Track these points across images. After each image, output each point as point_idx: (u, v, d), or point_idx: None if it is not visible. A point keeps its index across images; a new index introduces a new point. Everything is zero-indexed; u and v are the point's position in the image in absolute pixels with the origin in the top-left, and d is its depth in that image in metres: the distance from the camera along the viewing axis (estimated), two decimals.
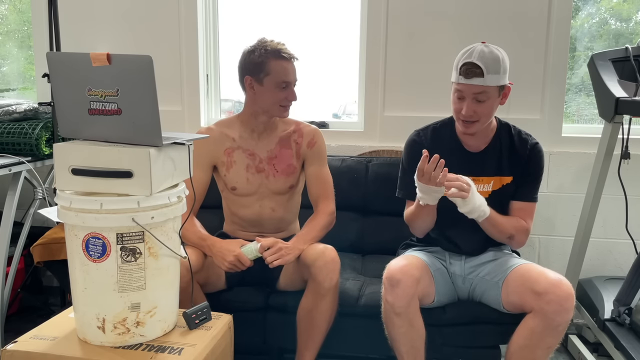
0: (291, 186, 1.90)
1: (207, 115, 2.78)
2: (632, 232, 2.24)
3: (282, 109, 1.82)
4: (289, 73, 1.77)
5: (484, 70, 1.57)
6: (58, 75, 1.32)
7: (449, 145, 1.77)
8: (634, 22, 2.59)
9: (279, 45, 1.77)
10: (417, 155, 1.78)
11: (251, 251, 1.71)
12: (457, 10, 2.45)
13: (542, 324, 1.51)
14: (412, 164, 1.80)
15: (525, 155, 1.73)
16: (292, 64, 1.79)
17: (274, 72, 1.75)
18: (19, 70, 3.16)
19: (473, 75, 1.58)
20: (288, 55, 1.76)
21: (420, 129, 1.84)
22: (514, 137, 1.75)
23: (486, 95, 1.60)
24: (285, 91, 1.78)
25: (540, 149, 1.75)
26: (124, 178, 1.25)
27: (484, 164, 1.73)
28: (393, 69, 2.53)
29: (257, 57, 1.75)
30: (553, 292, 1.49)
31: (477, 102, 1.61)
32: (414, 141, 1.82)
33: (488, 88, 1.60)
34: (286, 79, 1.77)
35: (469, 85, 1.60)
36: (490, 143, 1.75)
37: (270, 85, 1.77)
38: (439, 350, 1.70)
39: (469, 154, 1.76)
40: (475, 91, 1.60)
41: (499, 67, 1.59)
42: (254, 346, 1.93)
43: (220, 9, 2.74)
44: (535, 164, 1.74)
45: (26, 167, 2.16)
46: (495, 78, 1.59)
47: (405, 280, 1.55)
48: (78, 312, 1.34)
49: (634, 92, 1.99)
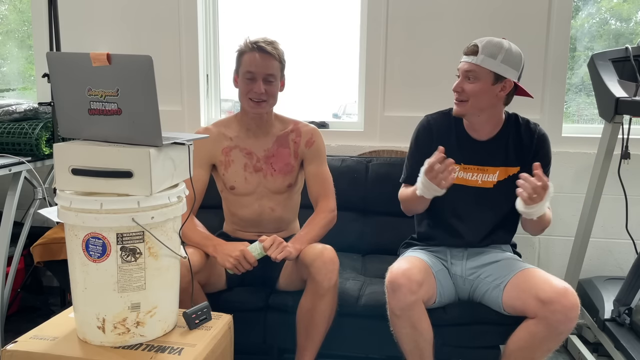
0: (289, 185, 1.90)
1: (207, 115, 2.78)
2: (632, 232, 2.24)
3: (252, 104, 1.77)
4: (254, 63, 1.73)
5: (480, 49, 1.62)
6: (58, 75, 1.32)
7: (456, 133, 1.78)
8: (634, 22, 2.59)
9: (259, 39, 1.74)
10: (424, 139, 1.80)
11: (255, 249, 1.69)
12: (457, 10, 2.45)
13: (545, 330, 1.50)
14: (417, 147, 1.82)
15: (532, 145, 1.74)
16: (264, 58, 1.73)
17: (243, 64, 1.75)
18: (19, 70, 3.16)
19: (470, 53, 1.65)
20: (259, 47, 1.72)
21: (430, 114, 1.85)
22: (521, 127, 1.76)
23: (476, 75, 1.63)
24: (251, 84, 1.75)
25: (547, 139, 1.76)
26: (124, 178, 1.25)
27: (490, 153, 1.74)
28: (393, 69, 2.53)
29: (239, 50, 1.77)
30: (559, 302, 1.47)
31: (467, 80, 1.65)
32: (423, 126, 1.84)
33: (479, 68, 1.62)
34: (250, 69, 1.73)
35: (464, 62, 1.67)
36: (497, 133, 1.76)
37: (241, 78, 1.77)
38: (439, 350, 1.70)
39: (476, 143, 1.76)
40: (467, 68, 1.65)
41: (496, 53, 1.61)
42: (254, 346, 1.93)
43: (220, 9, 2.74)
44: (544, 155, 1.75)
45: (26, 167, 2.16)
46: (489, 62, 1.61)
47: (407, 284, 1.54)
48: (78, 312, 1.34)
49: (634, 92, 1.99)
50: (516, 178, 1.71)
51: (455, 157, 1.71)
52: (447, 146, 1.75)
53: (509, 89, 1.67)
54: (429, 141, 1.78)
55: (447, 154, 1.74)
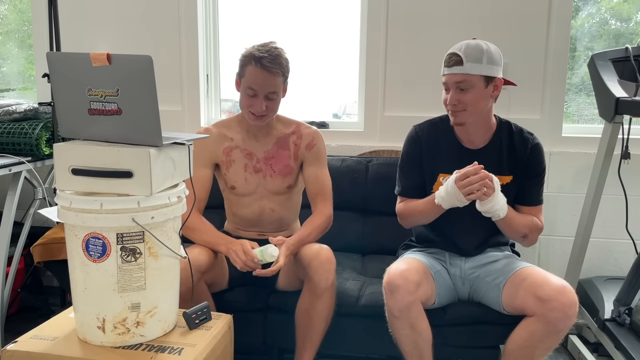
0: (289, 186, 1.90)
1: (207, 115, 2.78)
2: (632, 232, 2.24)
3: (252, 116, 1.76)
4: (257, 81, 1.69)
5: (463, 58, 1.60)
6: (58, 75, 1.32)
7: (446, 142, 1.77)
8: (634, 22, 2.59)
9: (264, 52, 1.68)
10: (413, 150, 1.79)
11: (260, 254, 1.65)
12: (457, 10, 2.45)
13: (544, 328, 1.50)
14: (408, 159, 1.82)
15: (525, 155, 1.72)
16: (268, 75, 1.69)
17: (246, 76, 1.72)
18: (19, 70, 3.16)
19: (453, 64, 1.62)
20: (262, 65, 1.67)
21: (418, 124, 1.85)
22: (514, 136, 1.74)
23: (468, 84, 1.62)
24: (252, 99, 1.73)
25: (541, 149, 1.74)
26: (124, 178, 1.25)
27: (482, 162, 1.72)
28: (393, 69, 2.53)
29: (242, 58, 1.74)
30: (557, 300, 1.47)
31: (460, 90, 1.64)
32: (411, 137, 1.83)
33: (469, 77, 1.61)
34: (252, 86, 1.71)
35: (451, 75, 1.64)
36: (489, 141, 1.75)
37: (243, 88, 1.75)
38: (439, 350, 1.70)
39: (467, 151, 1.75)
40: (456, 80, 1.63)
41: (480, 57, 1.60)
42: (254, 346, 1.93)
43: (220, 9, 2.74)
44: (537, 165, 1.73)
45: (26, 167, 2.16)
46: (476, 67, 1.60)
47: (404, 285, 1.54)
48: (78, 312, 1.34)
49: (634, 92, 1.99)
50: (509, 187, 1.72)
51: (446, 167, 1.72)
52: (436, 156, 1.76)
53: (501, 86, 1.67)
54: (419, 152, 1.79)
55: (437, 164, 1.75)
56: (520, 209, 1.75)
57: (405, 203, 1.81)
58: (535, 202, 1.75)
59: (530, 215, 1.73)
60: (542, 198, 1.76)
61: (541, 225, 1.73)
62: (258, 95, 1.72)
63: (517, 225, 1.68)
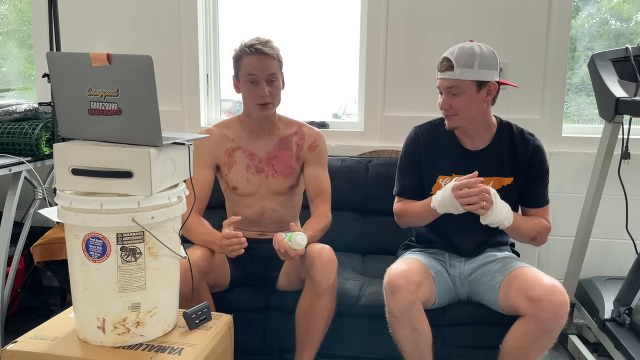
0: (291, 187, 1.90)
1: (207, 116, 2.78)
2: (632, 232, 2.24)
3: (259, 107, 1.77)
4: (254, 66, 1.71)
5: (454, 63, 1.60)
6: (58, 75, 1.32)
7: (446, 143, 1.77)
8: (634, 22, 2.59)
9: (254, 41, 1.72)
10: (412, 152, 1.79)
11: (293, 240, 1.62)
12: (457, 10, 2.45)
13: (536, 328, 1.51)
14: (406, 160, 1.82)
15: (527, 156, 1.72)
16: (264, 58, 1.71)
17: (243, 67, 1.73)
18: (19, 70, 3.16)
19: (445, 69, 1.63)
20: (256, 49, 1.70)
21: (418, 126, 1.85)
22: (515, 137, 1.74)
23: (459, 89, 1.62)
24: (255, 87, 1.74)
25: (542, 150, 1.74)
26: (124, 178, 1.25)
27: (483, 163, 1.72)
28: (393, 69, 2.53)
29: (234, 55, 1.75)
30: (547, 299, 1.48)
31: (452, 95, 1.64)
32: (410, 138, 1.83)
33: (460, 82, 1.61)
34: (251, 72, 1.72)
35: (442, 79, 1.65)
36: (490, 142, 1.75)
37: (243, 82, 1.75)
38: (439, 350, 1.70)
39: (468, 152, 1.75)
40: (447, 85, 1.63)
41: (472, 62, 1.59)
42: (254, 346, 1.93)
43: (220, 9, 2.74)
44: (540, 167, 1.73)
45: (26, 167, 2.16)
46: (467, 72, 1.60)
47: (405, 286, 1.54)
48: (78, 312, 1.34)
49: (634, 92, 1.99)
50: (510, 189, 1.72)
51: (445, 168, 1.72)
52: (435, 157, 1.76)
53: (494, 91, 1.66)
54: (417, 154, 1.79)
55: (436, 165, 1.75)
56: (527, 211, 1.76)
57: (402, 203, 1.82)
58: (541, 203, 1.75)
59: (537, 217, 1.73)
60: (548, 198, 1.77)
61: (549, 225, 1.74)
62: (259, 81, 1.73)
63: (524, 230, 1.68)
